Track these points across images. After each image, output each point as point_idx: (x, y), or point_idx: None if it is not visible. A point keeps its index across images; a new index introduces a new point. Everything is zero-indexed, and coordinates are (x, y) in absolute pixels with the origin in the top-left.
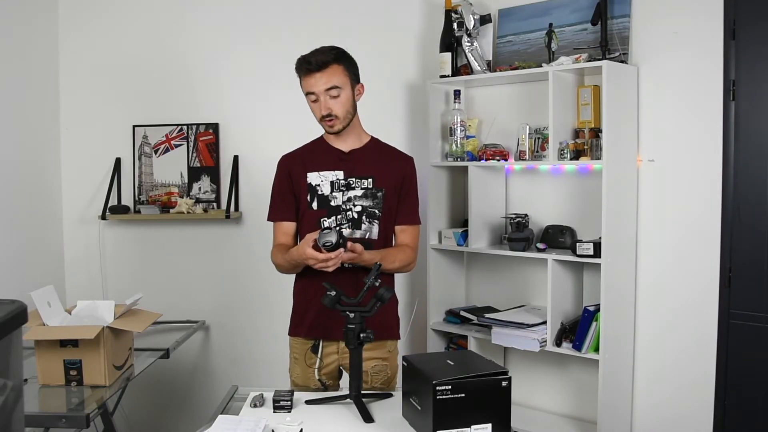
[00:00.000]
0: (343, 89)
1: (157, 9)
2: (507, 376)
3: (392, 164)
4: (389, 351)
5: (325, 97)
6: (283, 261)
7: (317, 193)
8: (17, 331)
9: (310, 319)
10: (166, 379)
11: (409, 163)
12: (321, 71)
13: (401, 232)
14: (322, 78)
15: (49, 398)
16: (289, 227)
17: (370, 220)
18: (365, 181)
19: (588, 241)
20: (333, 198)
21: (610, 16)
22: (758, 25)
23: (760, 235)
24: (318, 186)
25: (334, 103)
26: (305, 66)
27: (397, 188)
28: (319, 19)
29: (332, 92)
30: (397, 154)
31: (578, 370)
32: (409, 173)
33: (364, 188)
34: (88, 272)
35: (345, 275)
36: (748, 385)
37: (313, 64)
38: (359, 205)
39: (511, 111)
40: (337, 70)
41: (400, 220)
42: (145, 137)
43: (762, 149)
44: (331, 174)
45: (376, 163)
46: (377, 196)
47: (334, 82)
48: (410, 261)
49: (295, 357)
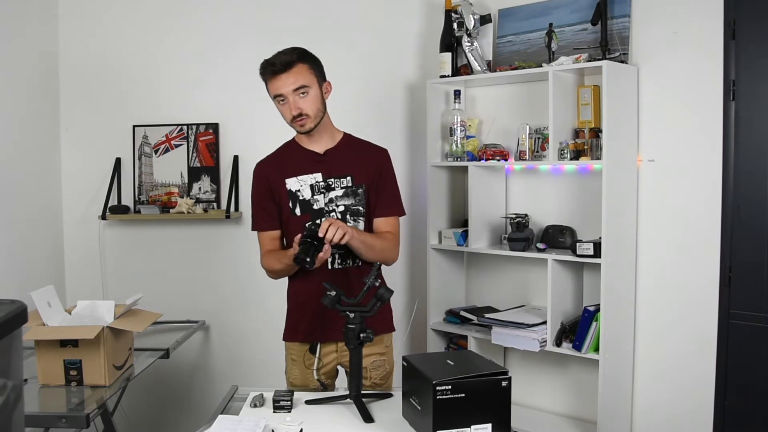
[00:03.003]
0: (311, 87)
1: (157, 9)
2: (507, 376)
3: (367, 159)
4: (386, 346)
5: (294, 97)
6: (278, 263)
7: (299, 199)
8: (17, 331)
9: (306, 325)
10: (166, 379)
11: (384, 155)
12: (287, 71)
13: (380, 224)
14: (289, 78)
15: (49, 398)
16: (275, 234)
17: (355, 218)
18: (344, 180)
19: (588, 241)
20: (315, 201)
21: (610, 16)
22: (758, 25)
23: (760, 235)
24: (298, 192)
25: (303, 102)
26: (270, 68)
27: (375, 182)
28: (319, 19)
29: (300, 91)
30: (371, 148)
31: (578, 370)
32: (385, 165)
33: (344, 187)
34: (88, 272)
35: (336, 275)
36: (748, 385)
37: (278, 65)
38: (342, 204)
39: (511, 111)
40: (302, 69)
41: (378, 213)
42: (145, 137)
43: (762, 149)
44: (309, 177)
45: (352, 161)
46: (358, 193)
47: (301, 81)
48: (391, 248)
49: (293, 359)
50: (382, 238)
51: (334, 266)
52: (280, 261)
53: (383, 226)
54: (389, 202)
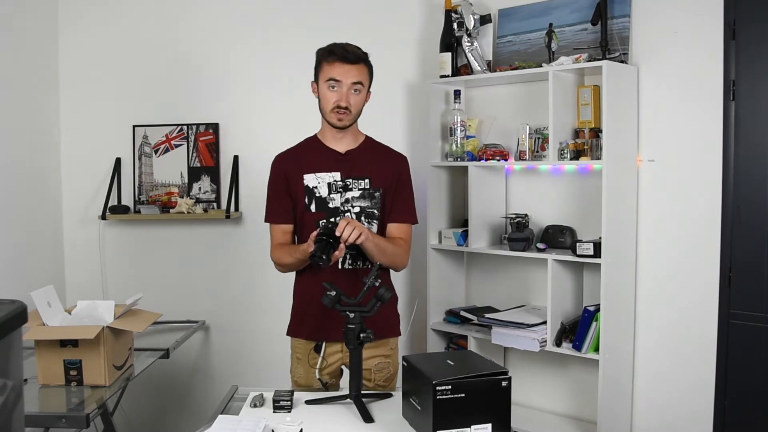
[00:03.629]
0: (364, 88)
1: (158, 9)
2: (507, 376)
3: (387, 164)
4: (391, 348)
5: (348, 89)
6: (289, 257)
7: (315, 195)
8: (17, 331)
9: (311, 322)
10: (166, 379)
11: (404, 162)
12: (355, 64)
13: (393, 229)
14: (353, 70)
15: (49, 398)
16: (287, 228)
17: (369, 221)
18: (362, 182)
19: (588, 241)
20: (331, 200)
21: (610, 16)
22: (758, 25)
23: (760, 235)
24: (315, 188)
25: (354, 97)
26: (341, 54)
27: (392, 187)
28: (319, 19)
29: (356, 87)
30: (392, 154)
31: (578, 370)
32: (404, 172)
33: (362, 189)
34: (88, 272)
35: (345, 275)
36: (748, 386)
37: (351, 55)
38: (357, 206)
39: (511, 111)
40: (365, 69)
41: (392, 218)
42: (145, 137)
43: (762, 149)
44: (328, 175)
45: (372, 164)
46: (375, 197)
47: (361, 78)
48: (402, 254)
49: (297, 357)
50: (395, 244)
51: (345, 266)
52: (292, 255)
53: (396, 232)
54: (404, 208)
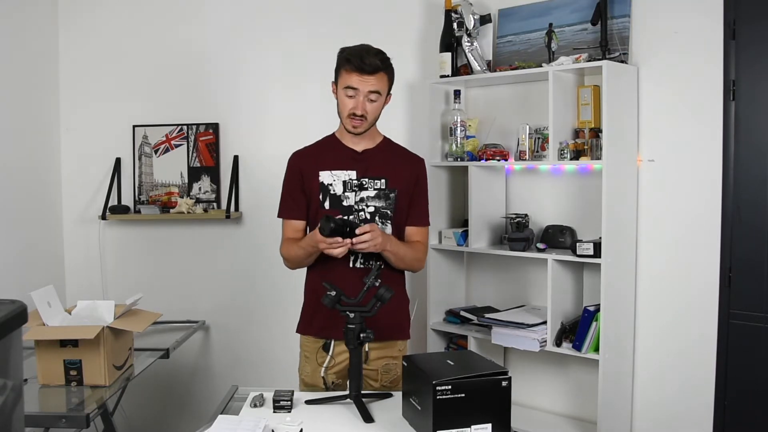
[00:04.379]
0: (381, 96)
1: (158, 9)
2: (507, 376)
3: (405, 166)
4: (399, 350)
5: (364, 98)
6: (298, 250)
7: (329, 193)
8: (17, 331)
9: (321, 320)
10: (166, 379)
11: (422, 165)
12: (372, 75)
13: (413, 233)
14: (370, 80)
15: (49, 398)
16: (299, 225)
17: (383, 221)
18: (378, 182)
19: (588, 241)
20: (345, 198)
21: (610, 16)
22: (758, 25)
23: (760, 235)
24: (330, 185)
25: (370, 105)
26: (358, 64)
27: (410, 190)
28: (319, 19)
29: (372, 96)
30: (410, 156)
31: (578, 370)
32: (422, 175)
33: (377, 189)
34: (88, 272)
35: (355, 273)
36: (748, 386)
37: (368, 67)
38: (372, 205)
39: (511, 111)
40: (383, 77)
41: (411, 222)
42: (145, 137)
43: (762, 149)
44: (343, 174)
45: (389, 164)
46: (390, 197)
47: (377, 87)
48: (420, 259)
49: (306, 355)
50: (414, 249)
51: (356, 265)
52: (302, 247)
53: (416, 236)
54: (423, 212)
